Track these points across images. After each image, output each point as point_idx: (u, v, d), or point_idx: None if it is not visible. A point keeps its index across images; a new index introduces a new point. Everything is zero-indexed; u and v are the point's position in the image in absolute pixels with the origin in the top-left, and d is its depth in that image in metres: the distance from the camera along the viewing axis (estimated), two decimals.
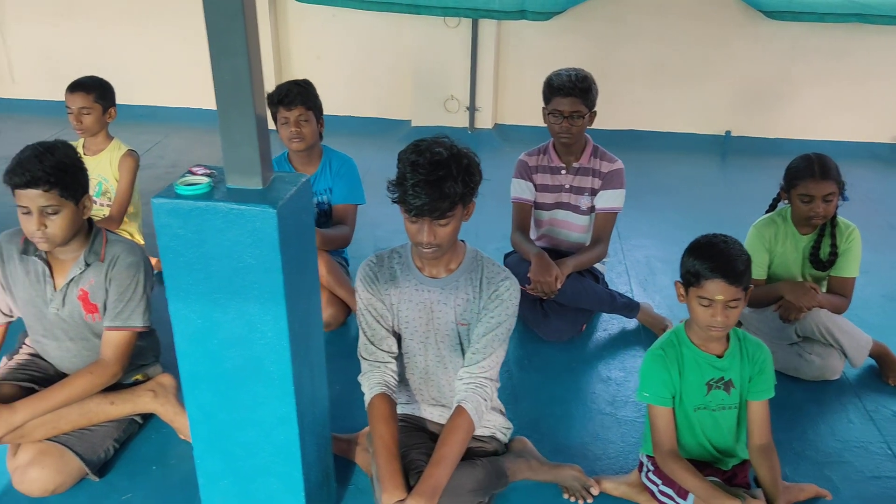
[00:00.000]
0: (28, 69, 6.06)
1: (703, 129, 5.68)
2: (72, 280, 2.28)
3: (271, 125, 2.40)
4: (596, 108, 3.11)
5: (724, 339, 2.14)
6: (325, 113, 3.54)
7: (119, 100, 6.01)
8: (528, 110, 5.76)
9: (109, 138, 3.48)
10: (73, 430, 2.29)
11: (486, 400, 2.06)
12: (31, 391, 2.31)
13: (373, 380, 2.08)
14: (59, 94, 6.00)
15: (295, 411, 1.81)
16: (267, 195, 1.65)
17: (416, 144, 1.97)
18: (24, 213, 2.15)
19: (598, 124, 5.74)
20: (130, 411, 2.42)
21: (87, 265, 2.28)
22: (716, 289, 1.99)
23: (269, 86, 3.66)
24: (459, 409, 2.02)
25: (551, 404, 2.76)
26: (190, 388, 1.83)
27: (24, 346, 2.51)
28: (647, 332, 3.21)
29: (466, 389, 2.05)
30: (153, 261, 2.65)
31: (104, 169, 3.45)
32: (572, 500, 2.29)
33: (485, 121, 5.65)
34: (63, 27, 5.85)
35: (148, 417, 2.55)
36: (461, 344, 2.16)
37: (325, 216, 3.27)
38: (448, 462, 1.94)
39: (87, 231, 2.30)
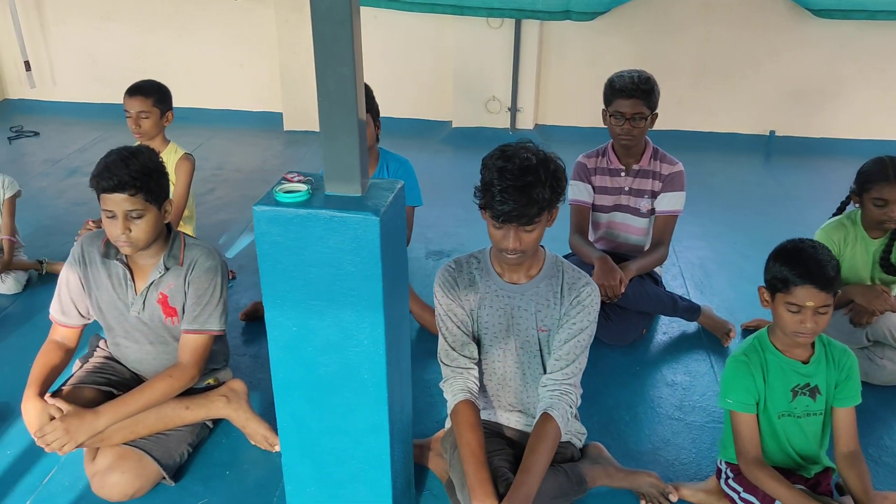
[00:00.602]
0: (69, 71, 6.10)
1: (746, 128, 5.62)
2: (152, 284, 2.29)
3: None
4: (657, 111, 3.07)
5: (810, 345, 2.11)
6: None
7: None
8: (570, 111, 5.75)
9: (166, 142, 3.49)
10: (150, 435, 2.30)
11: (571, 407, 2.05)
12: (109, 395, 2.33)
13: (456, 386, 2.07)
14: (100, 97, 6.10)
15: (387, 419, 1.80)
16: (366, 202, 1.64)
17: (503, 150, 1.96)
18: (108, 217, 2.16)
19: None
20: (204, 416, 2.43)
21: (167, 269, 2.29)
22: (806, 295, 1.96)
23: (308, 90, 3.66)
24: (547, 417, 2.00)
25: (619, 409, 2.74)
26: (282, 396, 1.83)
27: (97, 348, 2.53)
28: (709, 336, 3.18)
29: (552, 397, 2.04)
30: None
31: None
32: None
33: (526, 121, 5.63)
34: (106, 29, 5.89)
35: (217, 422, 2.55)
36: (541, 350, 2.14)
37: None
38: (538, 470, 1.93)
39: (166, 235, 2.30)
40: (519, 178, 1.87)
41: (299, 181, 1.71)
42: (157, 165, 2.20)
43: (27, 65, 5.88)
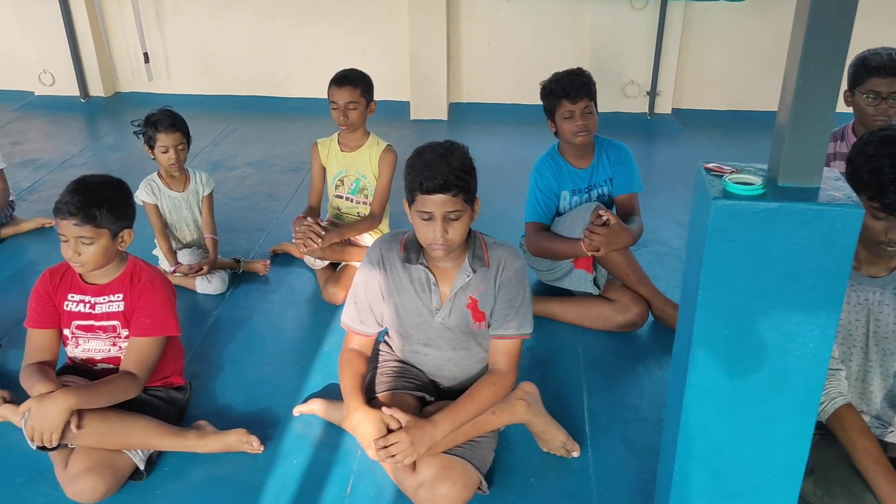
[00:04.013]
0: (185, 63, 5.96)
1: None
2: (460, 288, 2.17)
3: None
4: None
5: None
6: (490, 101, 3.34)
7: (277, 92, 5.99)
8: (709, 94, 5.60)
9: (367, 133, 3.35)
10: (466, 442, 2.18)
11: None
12: (423, 401, 2.21)
13: (832, 390, 1.94)
14: (214, 89, 5.97)
15: (813, 425, 1.67)
16: (829, 193, 1.50)
17: (887, 136, 1.82)
18: (425, 220, 2.03)
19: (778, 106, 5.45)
20: (508, 421, 2.30)
21: (474, 272, 2.16)
22: None
23: (438, 78, 2.93)
24: None
25: None
26: (693, 402, 1.70)
27: (379, 352, 2.41)
28: None
29: None
30: None
31: (362, 165, 3.34)
32: None
33: (664, 106, 5.47)
34: (223, 19, 5.75)
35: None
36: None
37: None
38: None
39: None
40: None
41: (733, 173, 1.57)
42: (472, 164, 2.09)
43: (146, 57, 5.74)
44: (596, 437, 2.46)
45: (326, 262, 3.34)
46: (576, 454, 2.35)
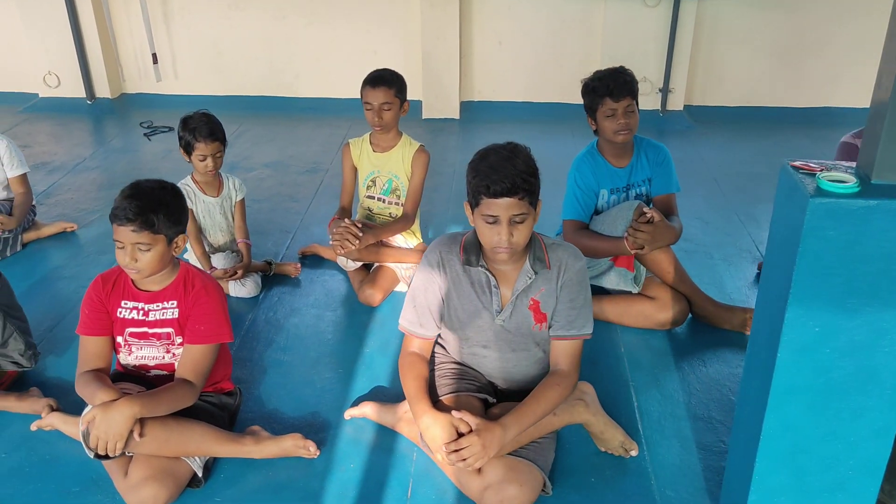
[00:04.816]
0: (192, 63, 5.90)
1: None
2: (522, 290, 2.16)
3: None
4: None
5: None
6: (502, 99, 3.23)
7: (287, 92, 5.94)
8: (718, 91, 5.62)
9: (400, 134, 3.33)
10: (528, 443, 2.17)
11: None
12: (485, 403, 2.20)
13: None
14: (222, 89, 5.91)
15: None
16: None
17: None
18: (490, 223, 2.02)
19: (795, 101, 5.61)
20: (568, 422, 2.29)
21: (536, 273, 2.15)
22: None
23: (451, 76, 2.92)
24: None
25: None
26: (778, 401, 1.70)
27: (434, 354, 2.39)
28: None
29: None
30: None
31: (395, 166, 3.31)
32: None
33: (676, 102, 5.49)
34: (233, 18, 5.69)
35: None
36: None
37: None
38: None
39: None
40: None
41: (823, 171, 1.57)
42: (536, 167, 2.06)
43: (154, 57, 5.68)
44: (650, 436, 2.45)
45: (359, 264, 3.32)
46: (634, 453, 2.35)
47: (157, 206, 2.12)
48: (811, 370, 1.66)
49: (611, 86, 2.85)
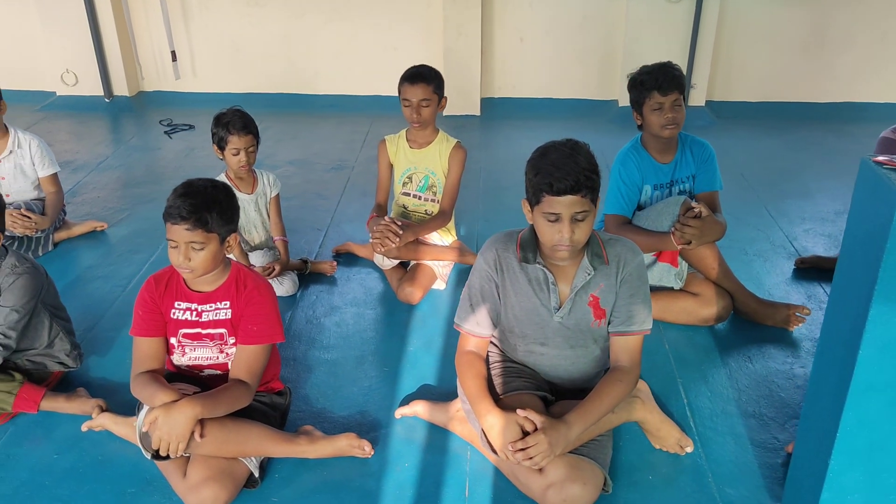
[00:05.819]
0: (211, 61, 5.88)
1: None
2: (581, 287, 2.14)
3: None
4: None
5: None
6: (522, 96, 3.15)
7: (307, 89, 5.91)
8: (740, 86, 5.60)
9: (436, 130, 3.31)
10: (588, 441, 2.16)
11: None
12: (545, 400, 2.19)
13: None
14: (240, 87, 5.89)
15: None
16: None
17: None
18: (551, 221, 2.01)
19: (818, 97, 5.60)
20: (625, 419, 2.28)
21: (594, 269, 2.14)
22: None
23: (472, 73, 2.87)
24: None
25: None
26: (858, 398, 1.68)
27: (489, 353, 2.38)
28: None
29: None
30: None
31: (432, 162, 3.30)
32: None
33: (698, 98, 5.48)
34: (252, 15, 5.67)
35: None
36: None
37: None
38: None
39: None
40: None
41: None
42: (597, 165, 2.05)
43: (173, 55, 5.66)
44: (703, 433, 2.44)
45: (396, 262, 3.30)
46: (689, 450, 2.34)
47: (210, 205, 2.10)
48: (893, 367, 1.64)
49: (659, 79, 2.83)
